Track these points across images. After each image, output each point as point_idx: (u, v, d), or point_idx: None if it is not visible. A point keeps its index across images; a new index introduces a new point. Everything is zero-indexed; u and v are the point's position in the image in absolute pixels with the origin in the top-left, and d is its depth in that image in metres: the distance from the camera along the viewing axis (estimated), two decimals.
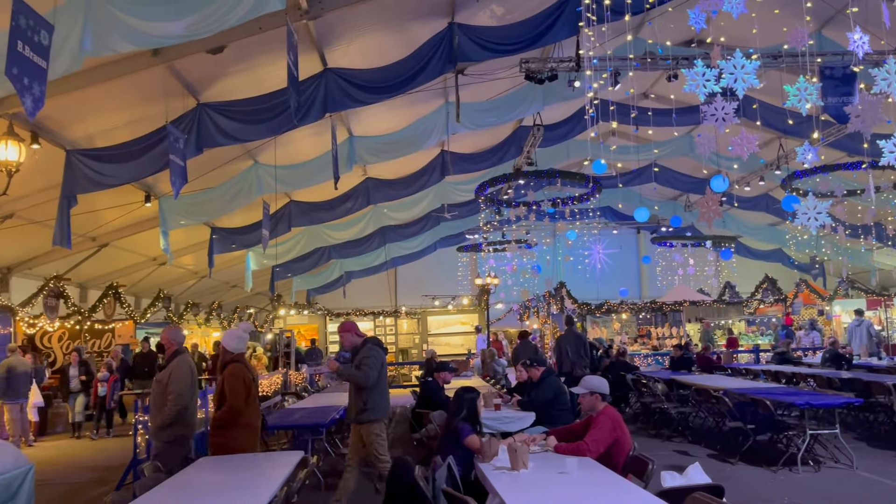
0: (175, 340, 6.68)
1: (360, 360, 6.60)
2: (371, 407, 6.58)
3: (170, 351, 6.62)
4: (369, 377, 6.54)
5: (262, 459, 5.42)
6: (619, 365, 13.82)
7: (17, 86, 5.58)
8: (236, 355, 6.37)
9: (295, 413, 8.74)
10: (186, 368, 6.48)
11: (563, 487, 4.31)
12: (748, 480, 7.87)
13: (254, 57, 9.98)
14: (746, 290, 23.58)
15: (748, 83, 6.99)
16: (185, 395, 6.33)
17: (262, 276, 20.37)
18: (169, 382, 6.32)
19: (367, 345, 6.78)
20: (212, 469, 5.18)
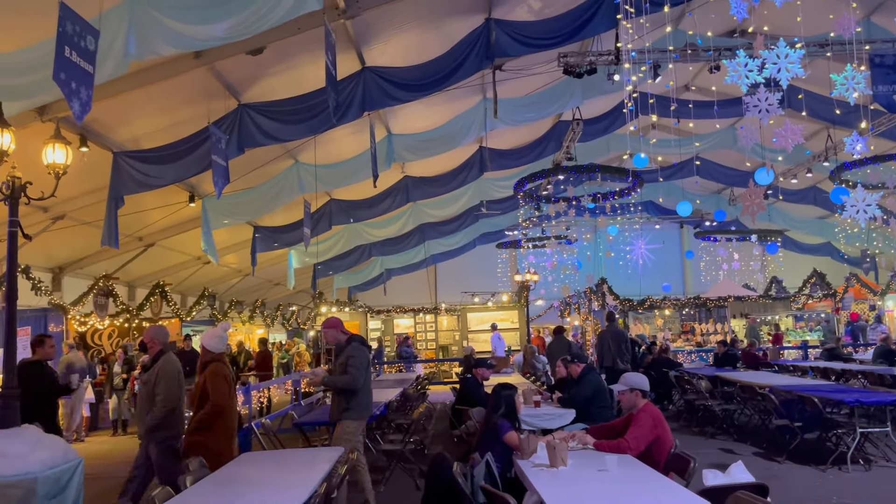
0: (158, 340, 6.43)
1: (346, 360, 6.39)
2: (354, 406, 6.38)
3: (154, 351, 6.37)
4: (357, 379, 6.34)
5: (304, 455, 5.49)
6: (662, 361, 13.64)
7: (64, 90, 5.74)
8: (216, 355, 6.24)
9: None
10: (173, 368, 6.26)
11: (603, 485, 4.27)
12: (795, 480, 7.69)
13: (293, 57, 10.10)
14: (794, 285, 23.03)
15: (793, 73, 6.82)
16: (173, 396, 6.12)
17: (304, 273, 20.62)
18: (156, 383, 6.10)
19: (351, 343, 6.56)
20: (253, 464, 5.27)
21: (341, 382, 6.35)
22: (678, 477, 4.88)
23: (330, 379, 6.42)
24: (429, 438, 10.27)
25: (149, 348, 6.44)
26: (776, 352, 17.37)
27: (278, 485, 4.47)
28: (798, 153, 17.31)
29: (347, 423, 6.36)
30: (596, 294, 21.77)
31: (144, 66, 8.48)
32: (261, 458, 5.53)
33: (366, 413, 6.61)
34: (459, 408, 8.86)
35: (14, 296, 5.20)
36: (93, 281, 14.85)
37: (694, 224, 25.79)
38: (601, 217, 19.81)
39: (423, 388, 12.39)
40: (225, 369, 6.22)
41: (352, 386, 6.33)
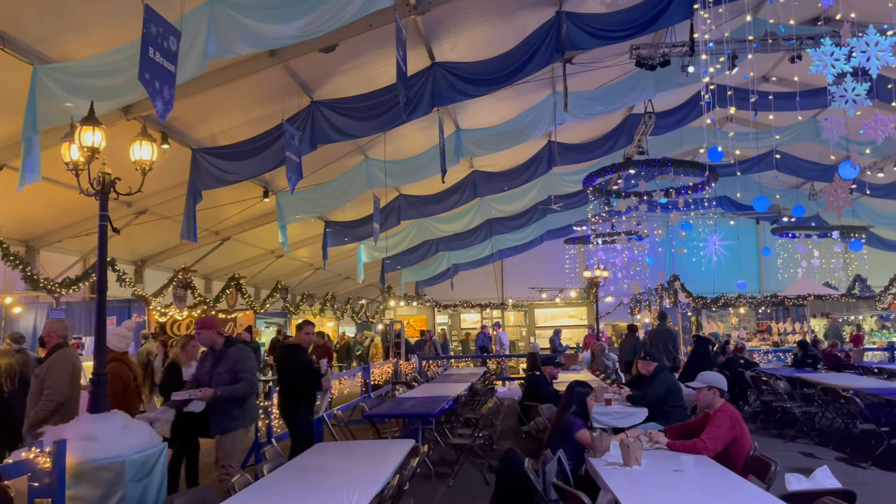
0: (56, 333, 6.11)
1: (234, 365, 5.85)
2: (242, 415, 5.91)
3: (51, 344, 6.06)
4: (254, 385, 5.94)
5: (375, 446, 5.57)
6: (737, 361, 13.23)
7: (149, 90, 5.98)
8: (118, 354, 6.11)
9: (405, 402, 8.92)
10: (67, 363, 5.94)
11: (679, 486, 4.18)
12: (882, 486, 7.35)
13: (364, 54, 10.22)
14: (879, 284, 21.95)
15: (883, 61, 6.50)
16: (61, 391, 5.80)
17: (373, 268, 20.89)
18: (45, 377, 5.82)
19: (232, 346, 6.02)
20: (327, 454, 5.37)
21: (239, 391, 5.79)
22: (757, 480, 4.74)
23: (225, 390, 5.73)
24: (497, 433, 10.27)
25: (46, 342, 6.16)
26: (860, 353, 16.62)
27: (352, 475, 4.56)
28: (887, 145, 16.44)
29: (238, 434, 5.89)
30: (668, 291, 21.27)
31: (222, 66, 8.75)
32: (333, 449, 5.65)
33: (253, 419, 6.22)
34: (528, 404, 8.82)
35: (104, 287, 5.44)
36: (172, 273, 15.43)
37: (771, 220, 24.89)
38: (674, 212, 19.33)
39: (490, 383, 12.39)
40: (125, 371, 6.10)
41: (248, 393, 5.88)
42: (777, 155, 17.30)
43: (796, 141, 17.63)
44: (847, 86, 6.94)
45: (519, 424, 9.57)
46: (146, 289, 14.91)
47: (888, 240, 24.50)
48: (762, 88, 14.56)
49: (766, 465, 4.76)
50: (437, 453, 8.84)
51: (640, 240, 22.92)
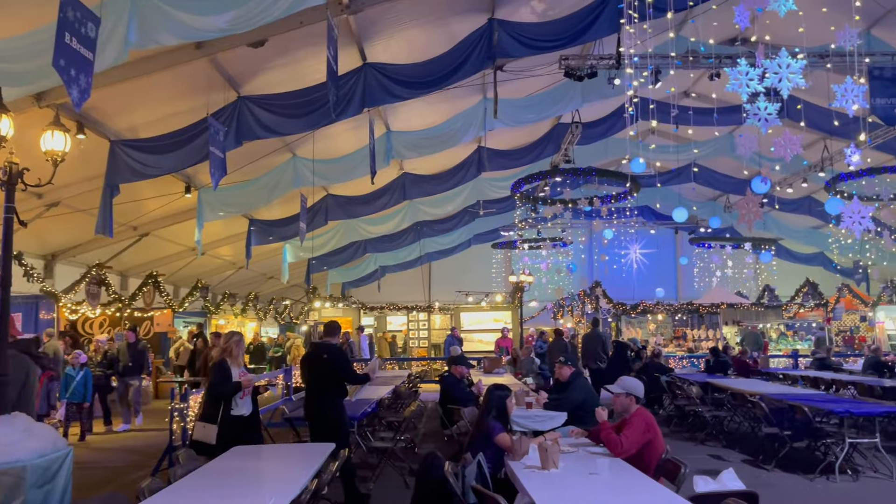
0: None
1: None
2: None
3: None
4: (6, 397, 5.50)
5: (294, 450, 5.49)
6: (654, 366, 13.67)
7: (64, 77, 5.71)
8: None
9: None
10: None
11: (594, 488, 4.29)
12: (784, 488, 7.72)
13: (294, 51, 10.08)
14: (786, 294, 23.11)
15: (793, 83, 6.84)
16: None
17: (298, 268, 20.59)
18: None
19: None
20: (245, 457, 5.25)
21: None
22: (668, 482, 4.90)
23: None
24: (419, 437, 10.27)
25: None
26: (765, 360, 17.44)
27: (269, 479, 4.47)
28: (795, 163, 17.33)
29: None
30: (590, 297, 21.80)
31: (145, 56, 8.45)
32: (251, 452, 5.53)
33: None
34: (450, 407, 8.86)
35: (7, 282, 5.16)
36: (85, 269, 14.80)
37: (689, 230, 25.86)
38: (597, 220, 19.83)
39: (414, 386, 12.38)
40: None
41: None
42: (695, 168, 18.01)
43: (713, 155, 18.38)
44: (760, 105, 7.27)
45: (441, 428, 9.60)
46: (56, 285, 14.24)
47: (796, 252, 25.86)
48: (683, 103, 15.11)
49: (676, 467, 4.93)
50: (358, 457, 8.77)
51: (565, 246, 23.42)
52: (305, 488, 4.24)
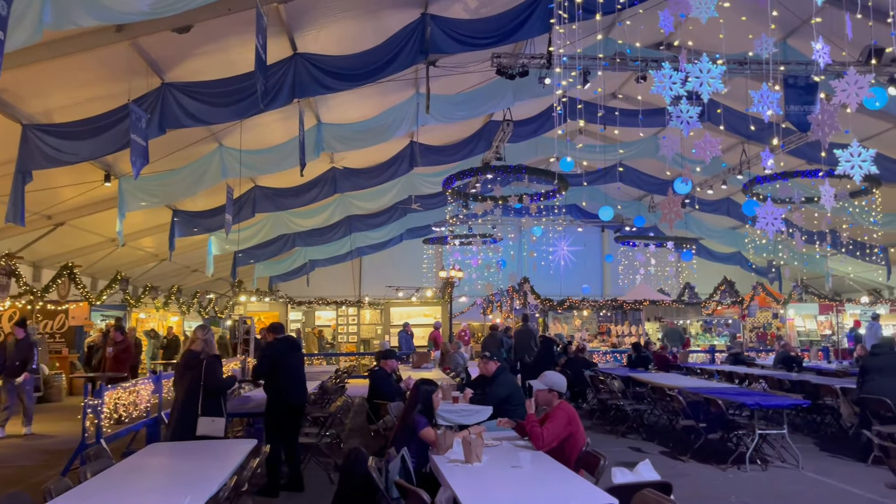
0: None
1: None
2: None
3: None
4: None
5: (213, 446, 5.35)
6: (578, 361, 13.98)
7: None
8: None
9: (250, 401, 8.65)
10: None
11: (515, 481, 4.35)
12: (698, 478, 8.02)
13: (222, 38, 9.83)
14: (705, 292, 23.99)
15: (713, 88, 7.08)
16: None
17: (223, 261, 20.12)
18: None
19: None
20: (162, 455, 5.10)
21: None
22: (588, 474, 5.02)
23: None
24: (346, 432, 10.21)
25: None
26: (685, 355, 18.07)
27: (186, 477, 4.35)
28: (715, 165, 18.04)
29: None
30: (518, 293, 22.11)
31: (61, 37, 8.08)
32: (168, 450, 5.37)
33: None
34: (377, 402, 8.83)
35: None
36: None
37: (615, 228, 26.53)
38: (526, 218, 20.11)
39: (342, 381, 12.28)
40: None
41: None
42: (620, 168, 18.48)
43: (639, 156, 18.91)
44: (682, 108, 7.51)
45: (368, 423, 9.55)
46: None
47: (714, 251, 26.90)
48: (610, 104, 15.48)
49: (596, 459, 5.05)
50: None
51: (495, 242, 23.66)
52: (224, 485, 4.15)
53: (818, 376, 11.91)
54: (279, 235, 19.84)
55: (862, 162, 7.20)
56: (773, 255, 24.10)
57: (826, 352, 19.14)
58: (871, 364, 8.96)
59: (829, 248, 19.30)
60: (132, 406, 8.45)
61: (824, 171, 11.85)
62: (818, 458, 8.96)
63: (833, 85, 7.18)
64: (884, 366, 8.74)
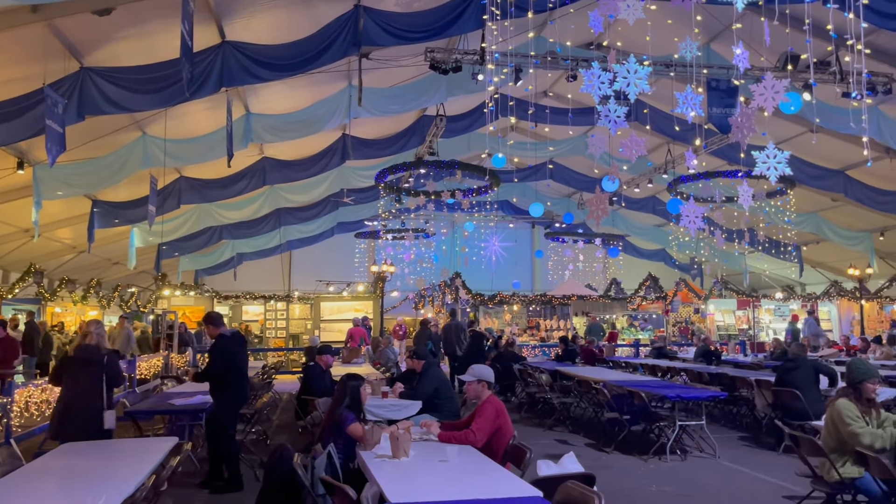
0: None
1: None
2: None
3: None
4: None
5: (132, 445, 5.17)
6: (508, 355, 14.14)
7: None
8: None
9: (173, 397, 8.40)
10: None
11: (442, 475, 4.37)
12: (621, 468, 8.24)
13: (146, 23, 9.49)
14: (631, 287, 24.65)
15: (640, 88, 7.26)
16: None
17: (146, 253, 19.47)
18: None
19: None
20: (75, 455, 4.89)
21: None
22: (515, 467, 5.08)
23: None
24: (273, 429, 10.05)
25: None
26: (612, 349, 18.54)
27: (101, 477, 4.18)
28: (641, 164, 18.53)
29: None
30: (450, 288, 22.21)
31: None
32: (84, 449, 5.15)
33: None
34: (305, 398, 8.72)
35: None
36: None
37: (545, 225, 26.94)
38: (459, 213, 20.19)
39: (269, 377, 12.07)
40: None
41: None
42: (551, 165, 18.76)
43: (568, 154, 19.24)
44: (610, 107, 7.68)
45: (296, 419, 9.43)
46: None
47: (640, 248, 27.68)
48: (542, 102, 15.68)
49: (522, 452, 5.12)
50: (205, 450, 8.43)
51: (428, 237, 23.68)
52: (142, 485, 4.01)
53: (735, 369, 12.39)
54: (206, 228, 19.33)
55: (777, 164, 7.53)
56: (696, 252, 24.97)
57: (743, 345, 19.98)
58: (785, 378, 8.95)
59: (747, 245, 20.12)
60: (45, 404, 8.09)
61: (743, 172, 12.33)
62: (734, 448, 9.34)
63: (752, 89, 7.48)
64: (798, 381, 8.68)
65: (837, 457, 5.30)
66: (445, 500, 3.76)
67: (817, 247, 24.33)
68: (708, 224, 17.45)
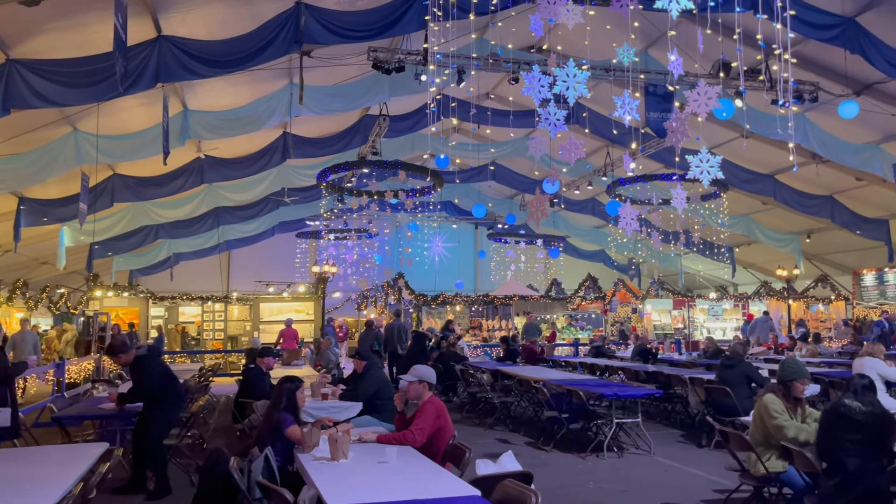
0: None
1: None
2: None
3: None
4: None
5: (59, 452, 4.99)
6: (449, 355, 14.18)
7: None
8: None
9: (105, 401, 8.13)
10: None
11: (381, 476, 4.36)
12: (560, 466, 8.37)
13: (78, 14, 9.19)
14: (571, 287, 25.06)
15: (578, 92, 7.40)
16: None
17: (77, 253, 18.80)
18: None
19: None
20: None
21: None
22: (454, 467, 5.11)
23: None
24: (210, 433, 9.85)
25: None
26: (552, 348, 18.80)
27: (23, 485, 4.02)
28: (580, 167, 18.86)
29: None
30: (393, 288, 22.16)
31: None
32: (6, 456, 4.95)
33: None
34: (243, 401, 8.57)
35: None
36: None
37: (488, 226, 27.14)
38: (402, 213, 20.16)
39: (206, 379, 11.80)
40: None
41: None
42: (492, 167, 18.91)
43: (510, 155, 19.44)
44: (550, 110, 7.80)
45: (234, 422, 9.25)
46: None
47: (580, 249, 28.17)
48: (484, 104, 15.80)
49: (461, 452, 5.15)
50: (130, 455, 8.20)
51: (371, 237, 23.57)
52: (69, 492, 3.87)
53: (671, 367, 12.72)
54: (141, 227, 18.81)
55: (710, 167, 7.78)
56: (633, 253, 25.56)
57: (678, 344, 20.54)
58: (721, 375, 9.24)
59: (682, 247, 20.69)
60: None
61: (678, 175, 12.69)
62: (668, 444, 9.59)
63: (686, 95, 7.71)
64: (731, 379, 8.96)
65: (764, 451, 5.49)
66: (383, 501, 3.75)
67: (749, 248, 25.23)
68: (645, 226, 17.87)
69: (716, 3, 8.84)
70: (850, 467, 4.62)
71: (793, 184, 18.06)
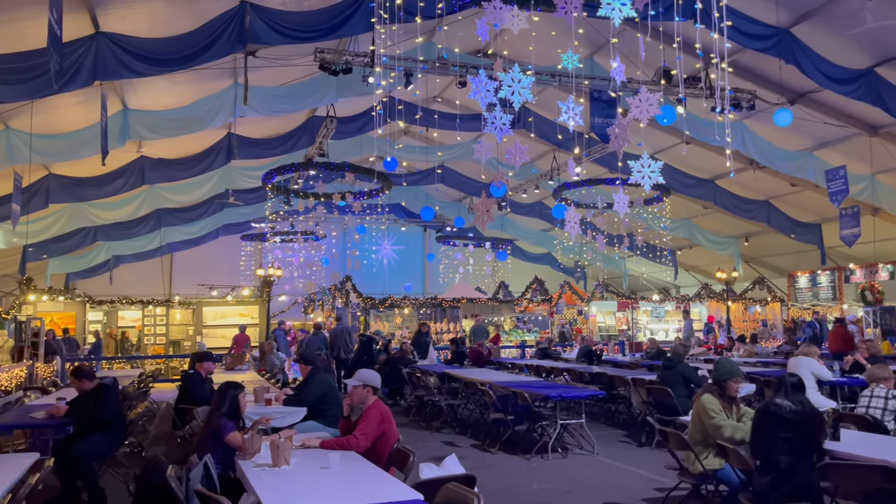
0: None
1: None
2: None
3: None
4: None
5: None
6: (396, 358, 14.15)
7: None
8: None
9: (37, 409, 7.84)
10: None
11: (323, 482, 4.32)
12: (505, 468, 8.43)
13: (9, 9, 8.91)
14: (518, 290, 25.29)
15: (524, 97, 7.46)
16: None
17: (10, 255, 18.15)
18: None
19: None
20: None
21: None
22: (398, 471, 5.09)
23: None
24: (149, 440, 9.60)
25: None
26: (497, 350, 18.93)
27: None
28: (527, 171, 19.07)
29: None
30: (340, 291, 21.98)
31: None
32: None
33: None
34: (183, 407, 8.38)
35: None
36: None
37: (436, 228, 27.19)
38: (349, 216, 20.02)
39: (146, 385, 11.49)
40: None
41: None
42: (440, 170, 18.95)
43: (457, 159, 19.52)
44: (496, 114, 7.85)
45: (174, 429, 9.04)
46: None
47: (528, 252, 28.47)
48: (432, 107, 15.83)
49: (405, 456, 5.14)
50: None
51: (317, 240, 23.35)
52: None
53: (614, 368, 12.93)
54: (78, 228, 18.24)
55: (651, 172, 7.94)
56: (579, 255, 25.93)
57: (622, 345, 20.92)
58: (662, 376, 9.51)
59: (626, 250, 21.06)
60: None
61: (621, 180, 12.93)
62: (611, 444, 9.75)
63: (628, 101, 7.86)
64: (671, 380, 9.21)
65: (701, 449, 5.64)
66: None
67: (690, 251, 25.89)
68: (590, 229, 18.17)
69: (657, 12, 9.03)
70: (781, 464, 4.79)
71: (731, 189, 18.62)
